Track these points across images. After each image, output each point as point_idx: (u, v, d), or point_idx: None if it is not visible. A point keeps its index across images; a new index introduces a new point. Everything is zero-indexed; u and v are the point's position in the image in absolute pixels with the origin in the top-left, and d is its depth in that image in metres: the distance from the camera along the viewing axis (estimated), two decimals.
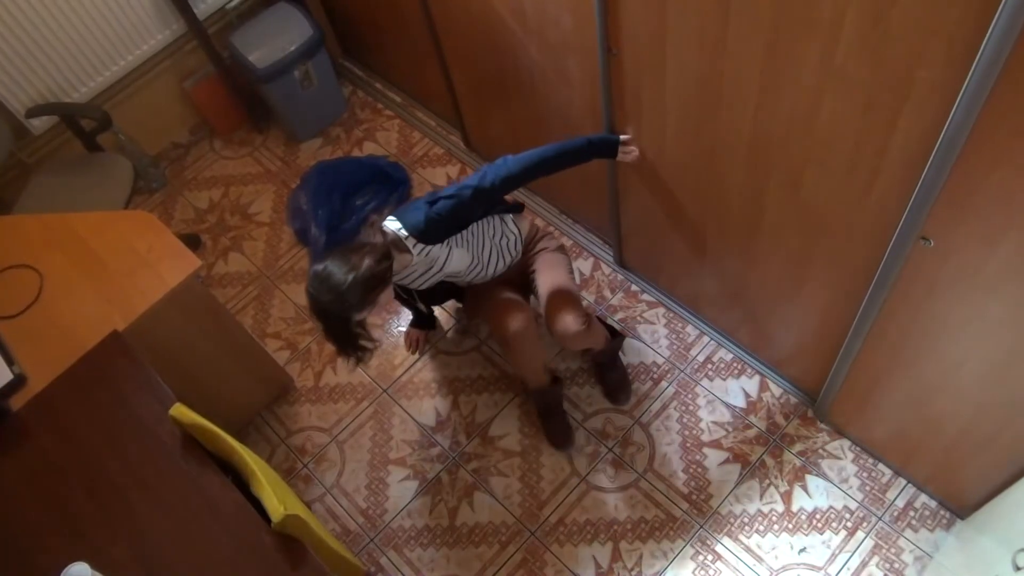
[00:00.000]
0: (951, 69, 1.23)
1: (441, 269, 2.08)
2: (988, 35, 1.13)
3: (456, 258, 2.08)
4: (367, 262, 1.82)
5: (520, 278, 2.32)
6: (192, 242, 3.05)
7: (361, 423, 2.60)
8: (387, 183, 3.07)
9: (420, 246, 1.98)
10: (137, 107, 3.10)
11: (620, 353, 2.54)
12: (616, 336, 2.46)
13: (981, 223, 1.40)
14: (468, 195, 1.95)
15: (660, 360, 2.56)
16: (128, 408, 1.83)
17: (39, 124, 2.80)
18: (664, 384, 2.51)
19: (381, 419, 2.60)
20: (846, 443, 2.33)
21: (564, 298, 2.16)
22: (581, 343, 2.24)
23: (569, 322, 2.12)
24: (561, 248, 2.33)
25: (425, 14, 2.56)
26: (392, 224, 1.98)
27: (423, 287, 2.16)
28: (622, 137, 2.06)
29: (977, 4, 1.13)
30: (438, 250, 2.02)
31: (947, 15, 1.18)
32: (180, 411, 1.72)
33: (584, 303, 2.43)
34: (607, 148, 2.06)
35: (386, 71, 3.35)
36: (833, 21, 1.34)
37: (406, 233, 1.96)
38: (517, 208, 2.26)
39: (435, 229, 1.96)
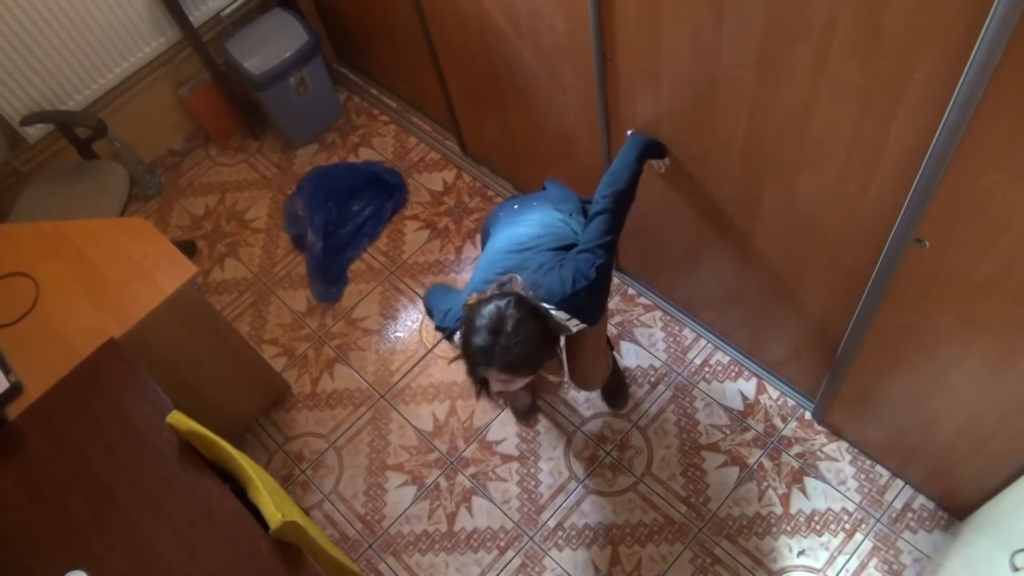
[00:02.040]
0: (944, 72, 1.24)
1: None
2: (980, 37, 1.13)
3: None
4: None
5: None
6: (188, 249, 3.05)
7: (359, 429, 2.60)
8: (383, 188, 3.08)
9: (577, 323, 1.81)
10: (132, 114, 3.10)
11: (617, 356, 2.54)
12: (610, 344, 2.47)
13: (976, 224, 1.40)
14: (605, 261, 1.77)
15: (657, 363, 2.56)
16: (125, 416, 1.83)
17: (34, 132, 2.79)
18: (661, 387, 2.51)
19: (379, 425, 2.59)
20: (844, 445, 2.33)
21: (595, 363, 2.16)
22: None
23: (594, 385, 2.28)
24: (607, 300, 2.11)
25: (420, 20, 2.56)
26: (559, 314, 1.77)
27: None
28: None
29: (969, 7, 1.13)
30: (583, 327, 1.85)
31: (939, 18, 1.19)
32: (177, 418, 1.71)
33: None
34: (657, 148, 1.96)
35: (381, 76, 3.36)
36: (826, 25, 1.34)
37: (577, 322, 1.79)
38: None
39: (596, 309, 1.83)
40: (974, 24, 1.13)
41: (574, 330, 1.81)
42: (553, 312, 1.73)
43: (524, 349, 1.62)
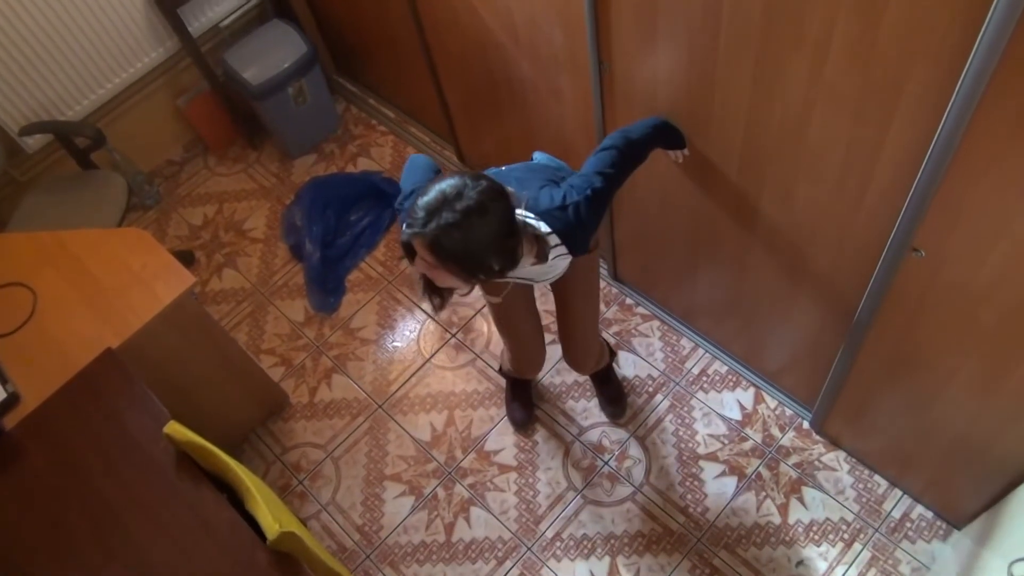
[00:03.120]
0: (938, 84, 1.25)
1: (535, 281, 1.81)
2: (973, 51, 1.14)
3: (558, 269, 1.75)
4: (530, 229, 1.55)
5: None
6: (186, 259, 3.05)
7: (356, 439, 2.59)
8: (381, 198, 3.09)
9: (563, 253, 1.66)
10: (131, 124, 3.11)
11: (615, 366, 2.54)
12: (612, 352, 2.48)
13: (972, 234, 1.41)
14: (603, 187, 1.63)
15: (655, 373, 2.56)
16: (122, 426, 1.82)
17: (32, 142, 2.80)
18: (659, 397, 2.51)
19: (376, 435, 2.59)
20: (842, 455, 2.33)
21: (588, 342, 2.15)
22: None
23: (588, 367, 2.27)
24: (596, 246, 1.96)
25: (418, 31, 2.57)
26: (538, 224, 1.62)
27: (490, 296, 1.89)
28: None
29: (962, 20, 1.14)
30: (566, 260, 1.71)
31: (933, 33, 1.20)
32: (174, 428, 1.71)
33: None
34: (676, 136, 1.85)
35: (379, 87, 3.37)
36: (821, 37, 1.35)
37: (557, 240, 1.63)
38: None
39: (583, 236, 1.66)
40: (967, 38, 1.14)
41: (550, 256, 1.61)
42: (531, 222, 1.58)
43: (466, 236, 1.40)
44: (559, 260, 1.68)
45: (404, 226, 1.46)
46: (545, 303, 2.56)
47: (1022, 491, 1.78)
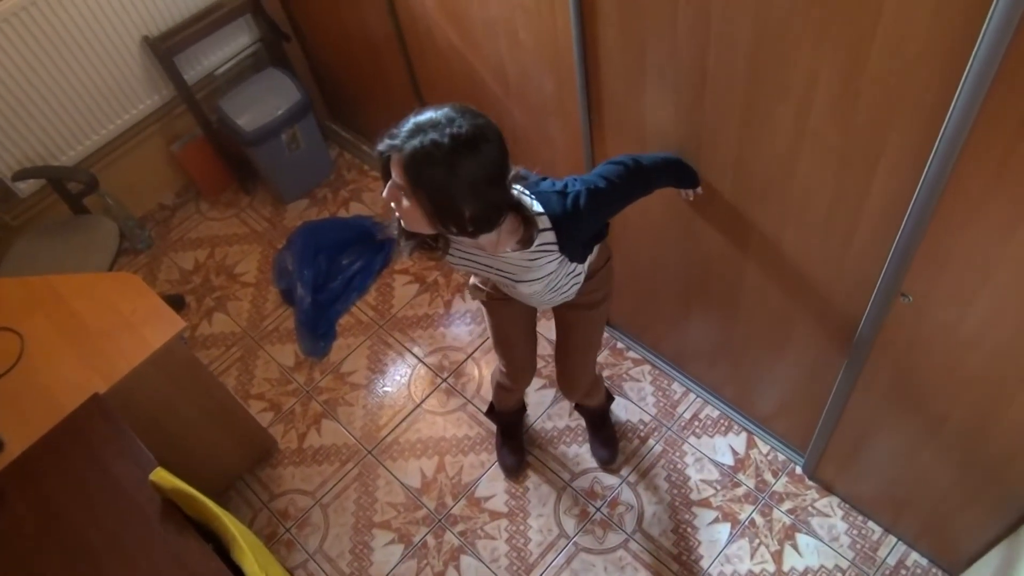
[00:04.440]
0: (920, 134, 1.28)
1: (516, 279, 1.66)
2: (953, 103, 1.17)
3: (542, 272, 1.62)
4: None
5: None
6: (176, 303, 3.04)
7: (345, 485, 2.56)
8: (373, 243, 3.10)
9: (551, 249, 1.55)
10: (124, 169, 3.13)
11: (612, 411, 2.53)
12: (609, 396, 2.47)
13: (958, 279, 1.43)
14: (605, 188, 1.55)
15: (647, 418, 2.55)
16: (107, 473, 1.80)
17: (25, 187, 2.81)
18: (651, 442, 2.50)
19: (366, 481, 2.56)
20: (835, 500, 2.31)
21: (581, 371, 2.14)
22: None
23: (575, 395, 2.25)
24: (607, 299, 1.94)
25: (411, 79, 2.62)
26: (532, 202, 1.52)
27: (459, 266, 1.70)
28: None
29: (941, 75, 1.17)
30: (551, 258, 1.59)
31: (914, 83, 1.23)
32: (160, 476, 1.69)
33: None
34: (689, 175, 1.79)
35: (372, 133, 3.38)
36: (806, 86, 1.39)
37: (547, 224, 1.53)
38: (603, 233, 1.77)
39: (575, 231, 1.55)
40: (946, 92, 1.17)
41: (535, 242, 1.50)
42: (525, 198, 1.49)
43: (446, 164, 1.29)
44: (543, 259, 1.57)
45: (384, 138, 1.36)
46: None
47: (1008, 541, 1.77)
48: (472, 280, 1.95)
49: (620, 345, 2.71)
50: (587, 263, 1.78)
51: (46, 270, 2.59)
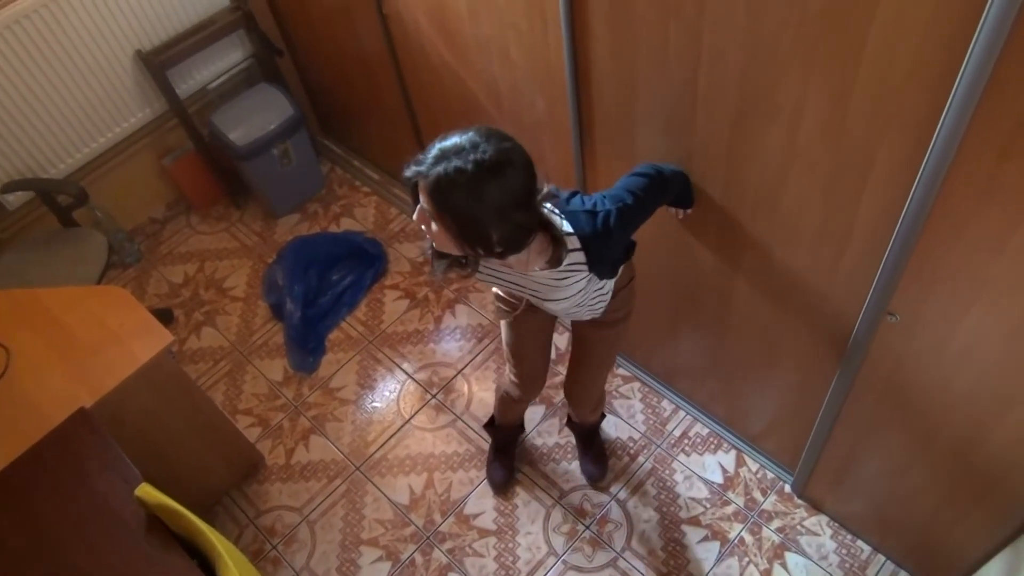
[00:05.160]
0: (907, 154, 1.29)
1: (544, 297, 1.66)
2: (942, 120, 1.18)
3: (571, 291, 1.62)
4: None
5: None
6: (165, 317, 3.03)
7: (333, 502, 2.54)
8: (364, 258, 3.10)
9: (580, 268, 1.56)
10: (115, 183, 3.12)
11: (602, 429, 2.53)
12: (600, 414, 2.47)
13: (945, 298, 1.44)
14: (633, 205, 1.56)
15: (636, 435, 2.54)
16: (92, 488, 1.78)
17: (13, 199, 2.80)
18: (641, 459, 2.49)
19: (353, 498, 2.54)
20: (824, 519, 2.31)
21: (593, 387, 2.15)
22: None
23: (582, 409, 2.25)
24: (627, 317, 1.93)
25: (404, 96, 2.63)
26: (562, 222, 1.52)
27: (488, 282, 1.71)
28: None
29: (929, 91, 1.19)
30: (580, 275, 1.58)
31: (901, 104, 1.25)
32: (146, 491, 1.67)
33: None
34: (689, 193, 1.80)
35: (365, 149, 3.42)
36: (795, 105, 1.40)
37: (577, 245, 1.53)
38: (631, 249, 1.80)
39: (605, 250, 1.56)
40: (934, 110, 1.19)
41: (564, 261, 1.50)
42: (555, 218, 1.49)
43: (470, 190, 1.30)
44: (573, 277, 1.57)
45: (410, 164, 1.37)
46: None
47: (997, 559, 1.78)
48: (496, 302, 1.93)
49: None
50: (614, 280, 1.78)
51: (34, 283, 2.57)
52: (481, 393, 2.72)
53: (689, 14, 1.45)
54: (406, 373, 2.81)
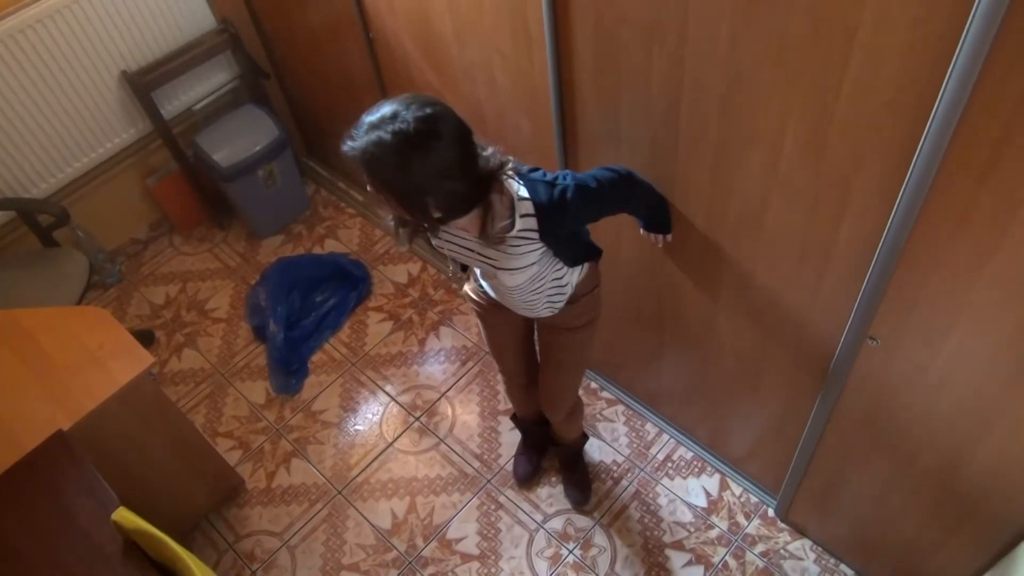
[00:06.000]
0: (887, 180, 1.31)
1: (498, 266, 1.63)
2: (919, 148, 1.21)
3: (524, 262, 1.61)
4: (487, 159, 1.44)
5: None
6: (146, 338, 3.00)
7: (314, 526, 2.51)
8: (347, 280, 3.09)
9: (532, 236, 1.54)
10: (98, 203, 3.10)
11: (586, 451, 2.52)
12: (583, 436, 2.46)
13: (925, 323, 1.45)
14: (595, 188, 1.57)
15: (620, 459, 2.54)
16: (68, 513, 1.74)
17: None
18: (624, 483, 2.49)
19: (335, 522, 2.51)
20: (807, 543, 2.31)
21: (561, 392, 2.14)
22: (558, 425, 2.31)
23: (554, 415, 2.22)
24: (591, 324, 1.93)
25: None
26: (518, 187, 1.53)
27: (446, 250, 1.70)
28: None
29: (908, 118, 1.21)
30: (534, 246, 1.58)
31: (879, 132, 1.27)
32: (123, 515, 1.64)
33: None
34: (665, 216, 1.82)
35: (349, 171, 3.42)
36: (775, 132, 1.42)
37: (530, 210, 1.53)
38: (597, 253, 1.84)
39: (558, 223, 1.55)
40: (912, 138, 1.21)
41: (517, 224, 1.50)
42: (512, 182, 1.50)
43: (396, 162, 1.32)
44: (525, 247, 1.56)
45: (346, 138, 1.39)
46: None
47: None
48: (465, 288, 1.97)
49: (594, 385, 2.71)
50: (575, 278, 1.79)
51: (12, 303, 2.53)
52: (465, 416, 2.70)
53: (671, 42, 1.47)
54: (389, 396, 2.79)
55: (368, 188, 1.44)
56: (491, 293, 1.88)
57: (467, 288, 1.97)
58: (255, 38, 3.12)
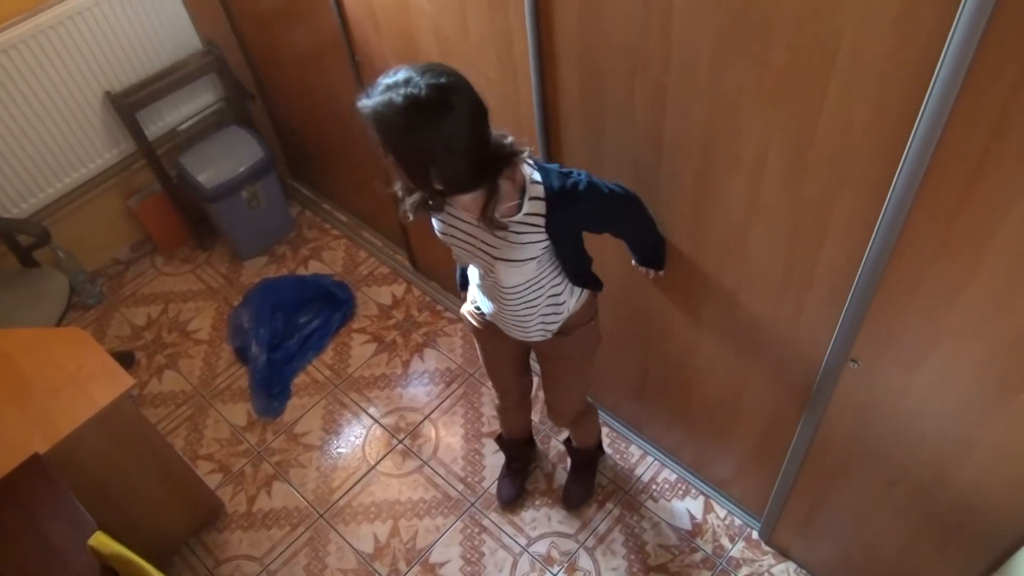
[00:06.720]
0: (866, 206, 1.33)
1: (498, 256, 1.59)
2: (897, 175, 1.23)
3: (525, 255, 1.58)
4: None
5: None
6: (126, 360, 2.97)
7: (295, 551, 2.48)
8: (331, 301, 3.08)
9: (538, 223, 1.53)
10: (79, 223, 3.08)
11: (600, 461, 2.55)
12: (600, 447, 2.49)
13: (905, 346, 1.47)
14: (607, 192, 1.56)
15: (604, 481, 2.53)
16: (43, 538, 1.71)
17: None
18: (609, 505, 2.48)
19: (316, 546, 2.48)
20: (791, 566, 2.31)
21: (562, 402, 2.12)
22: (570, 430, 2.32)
23: (560, 421, 2.22)
24: (590, 354, 1.95)
25: None
26: (531, 171, 1.53)
27: (445, 231, 1.66)
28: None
29: (886, 146, 1.23)
30: (537, 236, 1.55)
31: (858, 160, 1.29)
32: (100, 540, 1.62)
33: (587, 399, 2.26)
34: (660, 253, 1.84)
35: (334, 192, 3.42)
36: (757, 159, 1.44)
37: (540, 193, 1.52)
38: (598, 284, 1.83)
39: (565, 212, 1.53)
40: (890, 164, 1.23)
41: (524, 208, 1.49)
42: (527, 165, 1.51)
43: (404, 127, 1.32)
44: (529, 236, 1.54)
45: (361, 96, 1.39)
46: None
47: None
48: (462, 309, 1.96)
49: None
50: (572, 302, 1.76)
51: None
52: (449, 438, 2.69)
53: (654, 70, 1.50)
54: (372, 418, 2.78)
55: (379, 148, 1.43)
56: (486, 312, 1.85)
57: (464, 309, 1.96)
58: (240, 59, 3.13)
